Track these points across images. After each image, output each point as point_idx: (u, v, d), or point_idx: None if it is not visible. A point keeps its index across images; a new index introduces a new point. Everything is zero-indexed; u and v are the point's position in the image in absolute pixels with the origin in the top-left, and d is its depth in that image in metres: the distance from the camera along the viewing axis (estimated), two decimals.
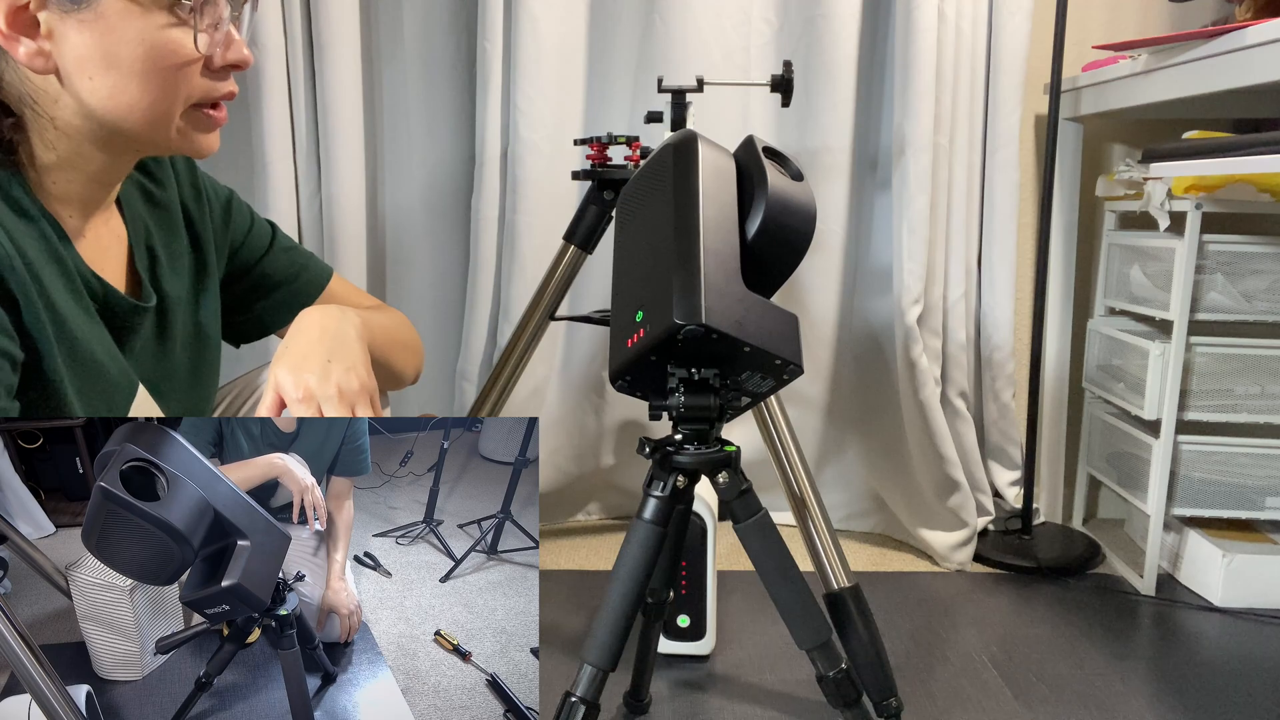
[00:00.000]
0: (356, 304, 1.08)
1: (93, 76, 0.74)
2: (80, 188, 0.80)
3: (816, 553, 1.33)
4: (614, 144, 1.46)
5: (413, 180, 1.93)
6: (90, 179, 0.80)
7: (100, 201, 0.83)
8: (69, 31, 0.72)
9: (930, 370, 1.79)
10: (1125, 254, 1.86)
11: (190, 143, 0.81)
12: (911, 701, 1.34)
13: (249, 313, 1.04)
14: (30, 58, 0.73)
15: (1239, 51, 1.35)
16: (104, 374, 0.81)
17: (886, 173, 1.84)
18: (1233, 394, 1.69)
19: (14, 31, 0.71)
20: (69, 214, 0.80)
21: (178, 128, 0.79)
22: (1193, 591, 1.72)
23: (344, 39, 1.74)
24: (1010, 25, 1.76)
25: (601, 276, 1.88)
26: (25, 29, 0.72)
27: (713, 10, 1.79)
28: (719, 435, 0.88)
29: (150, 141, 0.80)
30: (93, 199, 0.82)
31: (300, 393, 0.80)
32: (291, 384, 0.80)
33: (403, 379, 1.08)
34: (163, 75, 0.75)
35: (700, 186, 0.84)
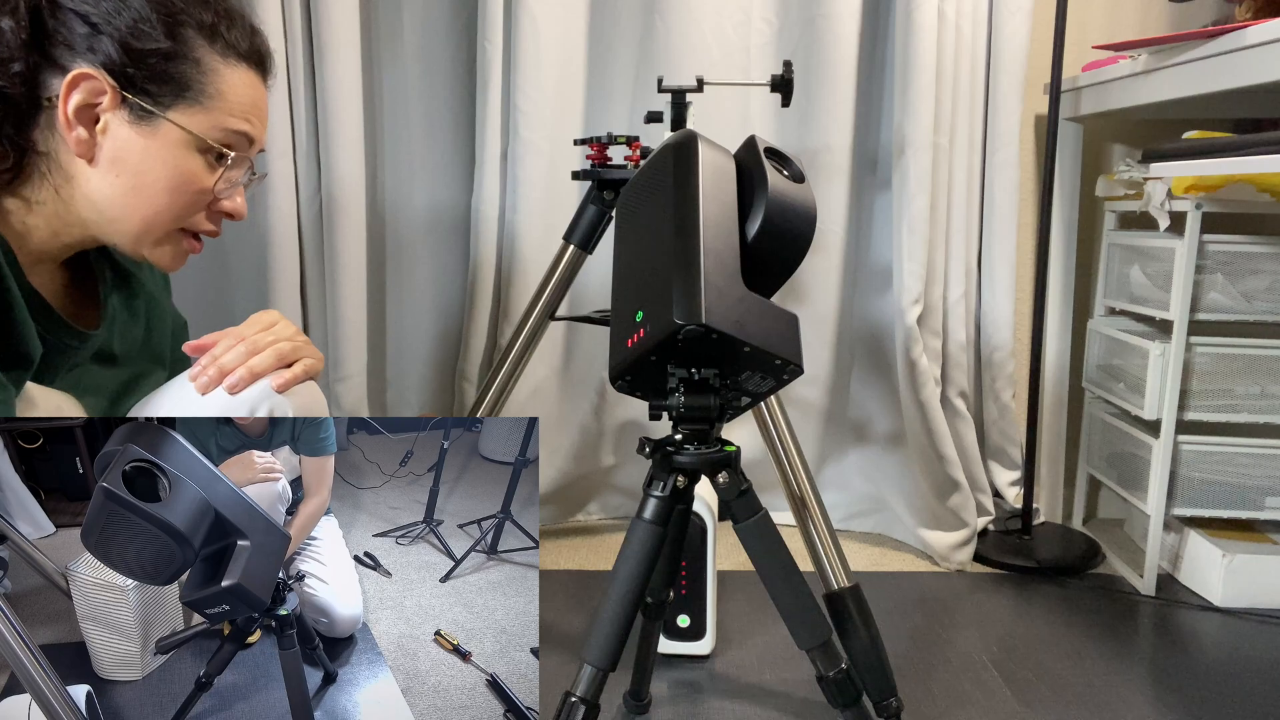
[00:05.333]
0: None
1: (120, 175, 0.83)
2: (44, 242, 0.87)
3: (816, 553, 1.33)
4: (614, 144, 1.46)
5: (413, 180, 1.92)
6: (58, 240, 0.87)
7: (55, 256, 0.90)
8: (122, 135, 0.82)
9: (930, 370, 1.80)
10: (1125, 254, 1.86)
11: (162, 256, 0.89)
12: (911, 701, 1.34)
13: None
14: (79, 144, 0.81)
15: (1239, 51, 1.35)
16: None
17: (886, 173, 1.84)
18: (1233, 394, 1.69)
19: (76, 120, 0.81)
20: (25, 250, 0.85)
21: (159, 240, 0.88)
22: (1193, 591, 1.72)
23: (344, 39, 1.73)
24: (1010, 25, 1.76)
25: (601, 276, 1.88)
26: (85, 120, 0.81)
27: (713, 10, 1.79)
28: (719, 435, 0.88)
29: (129, 242, 0.87)
30: (48, 252, 0.88)
31: (228, 337, 0.88)
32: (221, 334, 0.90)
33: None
34: (176, 198, 0.86)
35: (700, 186, 0.84)
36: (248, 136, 0.88)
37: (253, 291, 1.81)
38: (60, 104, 0.80)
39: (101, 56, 0.80)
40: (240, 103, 0.87)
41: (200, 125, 0.84)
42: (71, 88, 0.79)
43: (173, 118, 0.83)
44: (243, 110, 0.87)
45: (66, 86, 0.79)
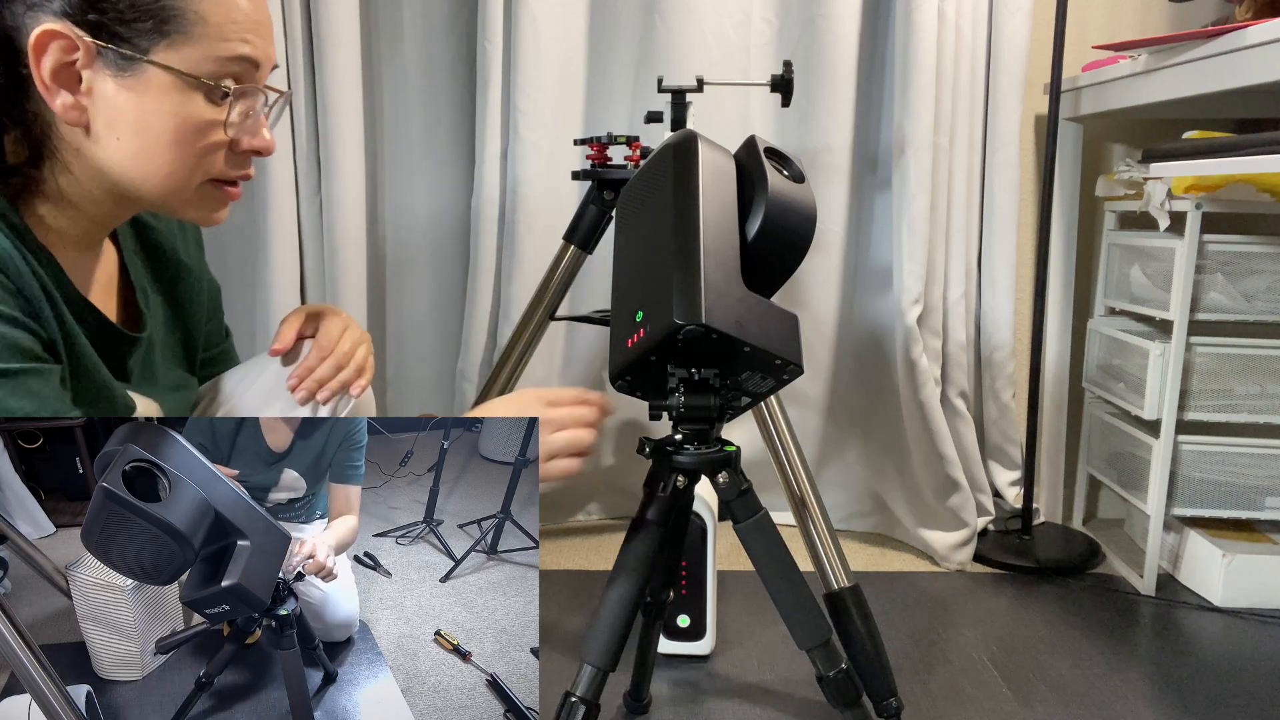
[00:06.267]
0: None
1: (121, 138, 0.75)
2: (78, 227, 0.81)
3: (816, 553, 1.33)
4: (614, 144, 1.46)
5: (412, 180, 1.92)
6: (91, 221, 0.81)
7: (95, 241, 0.85)
8: (109, 92, 0.73)
9: (930, 370, 1.79)
10: (1125, 254, 1.86)
11: (199, 213, 0.82)
12: (911, 701, 1.34)
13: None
14: (66, 110, 0.73)
15: (1239, 51, 1.35)
16: (108, 396, 0.82)
17: (886, 173, 1.84)
18: (1233, 394, 1.68)
19: (55, 84, 0.72)
20: (64, 247, 0.80)
21: (189, 199, 0.80)
22: (1193, 591, 1.72)
23: (344, 39, 1.74)
24: (1010, 25, 1.76)
25: (601, 276, 1.88)
26: (67, 83, 0.72)
27: (713, 10, 1.79)
28: (719, 435, 0.88)
29: (160, 205, 0.81)
30: (88, 237, 0.83)
31: (317, 349, 0.96)
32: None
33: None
34: (187, 150, 0.76)
35: (700, 186, 0.84)
36: (249, 60, 0.77)
37: (252, 291, 1.81)
38: (34, 71, 0.71)
39: (60, 4, 0.70)
40: (232, 21, 0.74)
41: (190, 60, 0.73)
42: (39, 51, 0.70)
43: (157, 59, 0.72)
44: (237, 30, 0.75)
45: (32, 50, 0.70)
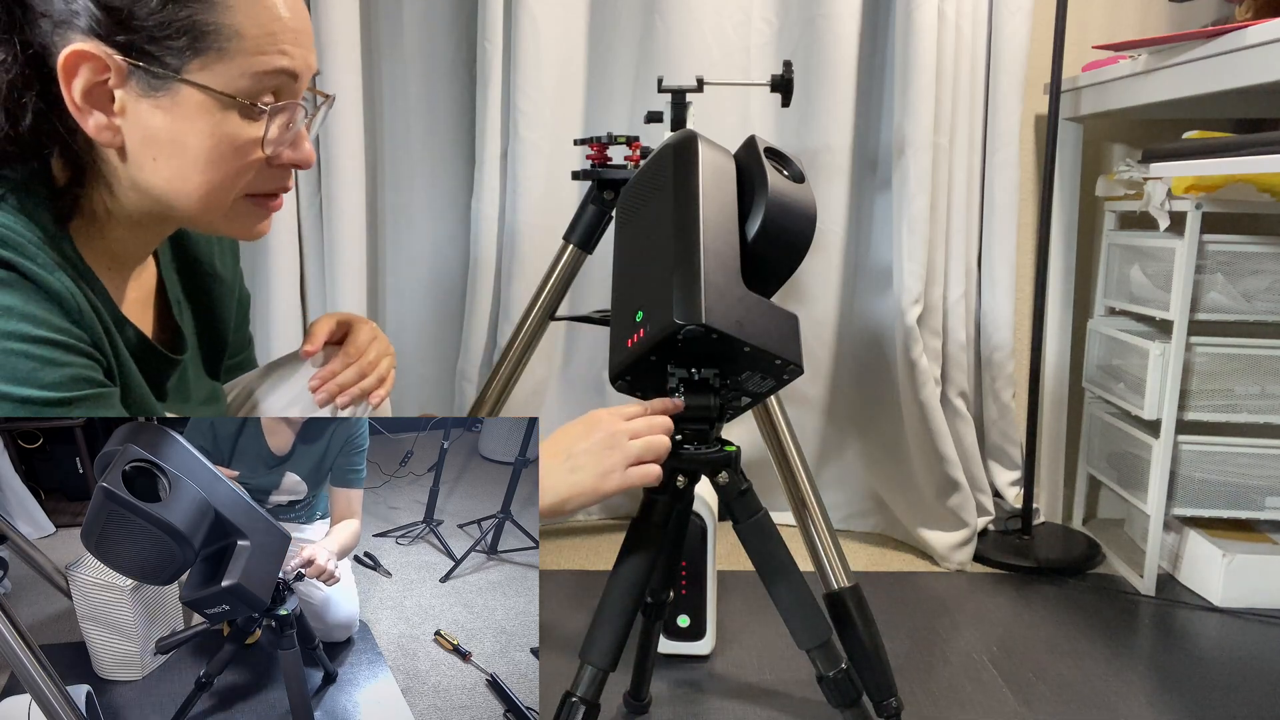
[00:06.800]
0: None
1: (156, 158, 0.73)
2: (120, 247, 0.80)
3: (816, 553, 1.33)
4: (614, 144, 1.46)
5: (412, 180, 1.92)
6: (135, 240, 0.81)
7: (140, 259, 0.84)
8: (142, 112, 0.71)
9: (930, 370, 1.79)
10: (1125, 254, 1.86)
11: (240, 228, 0.81)
12: (911, 701, 1.34)
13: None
14: (99, 131, 0.71)
15: (1239, 51, 1.35)
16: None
17: (886, 173, 1.84)
18: (1233, 394, 1.68)
19: (88, 105, 0.70)
20: (107, 266, 0.79)
21: (227, 215, 0.78)
22: (1193, 591, 1.72)
23: (344, 39, 1.74)
24: (1010, 25, 1.76)
25: (601, 276, 1.88)
26: (100, 103, 0.71)
27: (713, 10, 1.79)
28: (719, 435, 0.88)
29: (199, 223, 0.79)
30: (130, 256, 0.82)
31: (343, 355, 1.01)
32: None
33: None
34: (225, 170, 0.74)
35: (700, 186, 0.84)
36: (288, 72, 0.73)
37: (252, 291, 1.81)
38: (65, 92, 0.69)
39: (87, 22, 0.68)
40: (269, 34, 0.71)
41: (225, 78, 0.71)
42: (70, 73, 0.69)
43: (190, 77, 0.70)
44: (274, 42, 0.72)
45: (62, 72, 0.68)
